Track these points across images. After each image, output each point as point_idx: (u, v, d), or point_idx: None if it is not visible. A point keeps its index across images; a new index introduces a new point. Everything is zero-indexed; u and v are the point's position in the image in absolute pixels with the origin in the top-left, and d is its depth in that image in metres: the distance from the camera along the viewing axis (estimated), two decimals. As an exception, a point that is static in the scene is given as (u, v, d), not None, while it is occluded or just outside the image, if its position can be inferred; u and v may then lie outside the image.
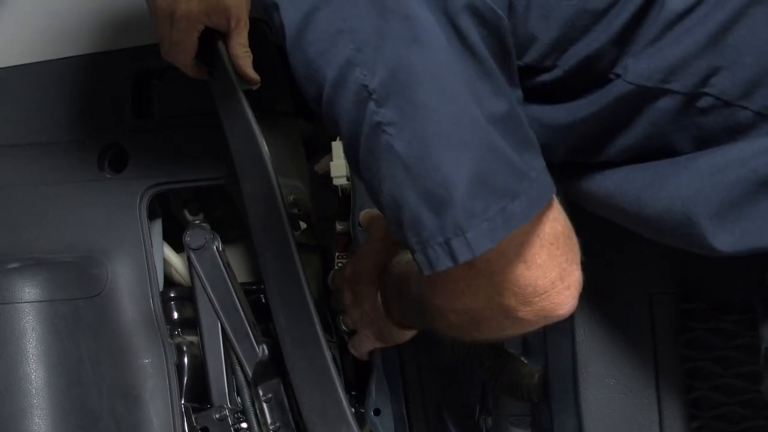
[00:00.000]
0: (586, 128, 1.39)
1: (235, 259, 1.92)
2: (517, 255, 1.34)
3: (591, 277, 1.66)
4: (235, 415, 1.82)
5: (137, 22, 1.89)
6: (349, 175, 1.91)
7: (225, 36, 1.75)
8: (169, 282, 1.93)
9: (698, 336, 1.64)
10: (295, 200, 1.88)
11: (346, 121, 1.29)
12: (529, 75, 1.36)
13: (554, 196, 1.35)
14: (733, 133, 1.35)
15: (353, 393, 1.90)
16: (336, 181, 1.93)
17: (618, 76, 1.34)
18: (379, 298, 1.75)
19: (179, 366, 1.85)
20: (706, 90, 1.33)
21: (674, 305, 1.64)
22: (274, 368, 1.83)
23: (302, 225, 1.87)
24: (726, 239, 1.35)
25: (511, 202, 1.28)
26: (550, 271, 1.36)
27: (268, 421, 1.82)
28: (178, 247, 1.90)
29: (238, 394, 1.83)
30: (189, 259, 1.85)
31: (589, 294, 1.65)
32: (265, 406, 1.83)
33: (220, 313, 1.83)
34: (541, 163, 1.33)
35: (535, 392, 1.81)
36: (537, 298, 1.37)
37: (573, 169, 1.45)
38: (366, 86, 1.26)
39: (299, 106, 1.99)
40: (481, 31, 1.28)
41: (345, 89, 1.27)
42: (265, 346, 1.82)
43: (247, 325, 1.82)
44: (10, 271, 1.79)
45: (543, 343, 1.79)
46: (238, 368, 1.82)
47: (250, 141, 1.74)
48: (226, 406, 1.82)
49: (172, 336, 1.86)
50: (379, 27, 1.26)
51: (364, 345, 1.82)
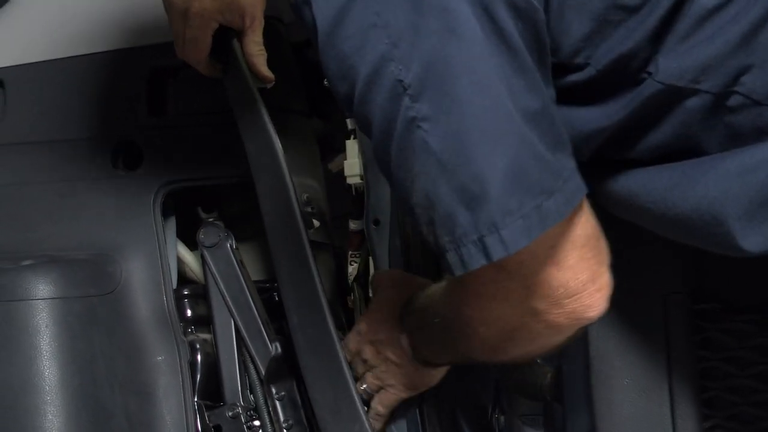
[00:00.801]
0: (616, 130, 1.38)
1: (249, 256, 1.92)
2: (549, 256, 1.33)
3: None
4: (248, 413, 1.82)
5: (152, 21, 1.89)
6: (362, 173, 1.91)
7: (239, 34, 1.75)
8: (183, 279, 1.93)
9: (712, 336, 1.64)
10: (309, 199, 1.88)
11: (380, 118, 1.29)
12: (562, 73, 1.35)
13: (585, 198, 1.35)
14: (762, 133, 1.34)
15: (366, 391, 1.90)
16: (349, 180, 1.94)
17: (649, 75, 1.33)
18: (404, 341, 1.73)
19: (192, 363, 1.84)
20: (737, 89, 1.32)
21: (688, 306, 1.64)
22: (286, 366, 1.83)
23: (316, 223, 1.87)
24: (755, 240, 1.34)
25: (547, 199, 1.28)
26: (582, 273, 1.36)
27: (281, 418, 1.82)
28: (192, 245, 1.90)
29: (251, 392, 1.83)
30: (203, 257, 1.86)
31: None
32: (277, 403, 1.83)
33: (234, 311, 1.83)
34: (573, 163, 1.32)
35: (548, 392, 1.81)
36: (568, 300, 1.37)
37: (596, 170, 1.44)
38: (401, 81, 1.26)
39: (314, 105, 1.99)
40: (517, 23, 1.28)
41: (379, 85, 1.27)
42: (278, 344, 1.82)
43: (260, 322, 1.82)
44: (24, 268, 1.79)
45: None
46: (251, 366, 1.83)
47: (265, 139, 1.75)
48: (239, 403, 1.82)
49: (185, 333, 1.86)
50: (414, 21, 1.25)
51: (392, 399, 1.79)
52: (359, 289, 2.01)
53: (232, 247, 1.85)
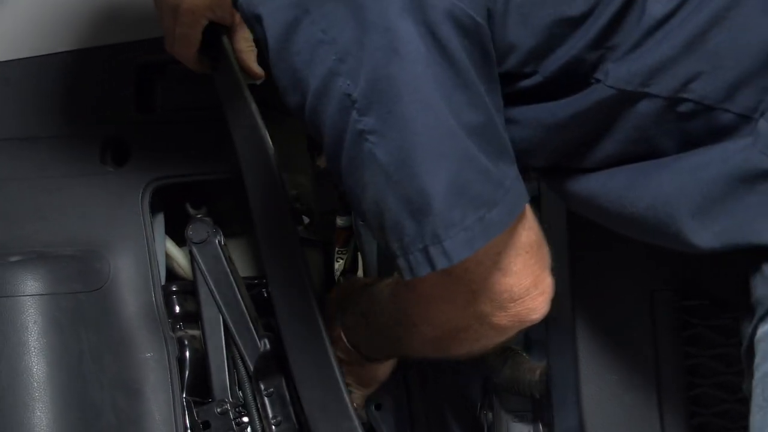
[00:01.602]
0: (569, 132, 1.40)
1: (237, 253, 1.92)
2: (494, 263, 1.38)
3: (592, 273, 1.67)
4: (237, 409, 1.82)
5: (140, 16, 1.89)
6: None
7: (229, 30, 1.75)
8: (171, 276, 1.92)
9: (699, 333, 1.65)
10: (298, 195, 1.88)
11: (330, 129, 1.31)
12: (510, 81, 1.37)
13: (527, 205, 1.39)
14: (717, 134, 1.36)
15: (355, 387, 1.90)
16: (338, 177, 1.93)
17: (598, 81, 1.35)
18: (344, 339, 1.77)
19: (181, 360, 1.84)
20: (686, 95, 1.34)
21: (675, 302, 1.65)
22: (275, 362, 1.83)
23: (305, 220, 1.87)
24: (706, 236, 1.36)
25: (489, 211, 1.31)
26: (525, 278, 1.41)
27: (270, 415, 1.82)
28: (181, 241, 1.90)
29: (240, 389, 1.83)
30: (191, 253, 1.86)
31: (590, 291, 1.67)
32: (266, 400, 1.83)
33: (222, 308, 1.83)
34: (515, 171, 1.35)
35: (537, 388, 1.82)
36: (512, 304, 1.42)
37: (558, 172, 1.46)
38: (349, 95, 1.28)
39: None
40: (462, 41, 1.30)
41: (329, 98, 1.30)
42: (266, 341, 1.82)
43: (248, 319, 1.82)
44: (12, 265, 1.78)
45: (545, 339, 1.79)
46: (239, 362, 1.83)
47: (254, 135, 1.74)
48: (228, 400, 1.82)
49: (173, 330, 1.86)
50: (359, 38, 1.28)
51: (354, 398, 1.82)
52: (346, 286, 2.01)
53: (220, 243, 1.85)
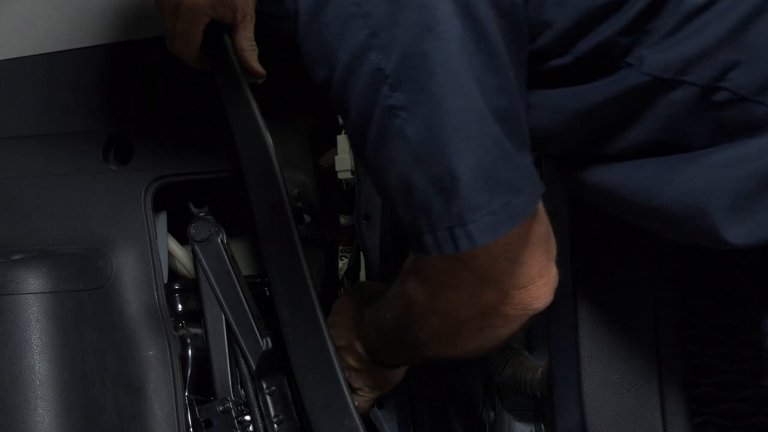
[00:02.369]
0: (596, 118, 1.39)
1: (240, 252, 1.92)
2: (503, 252, 1.39)
3: (595, 272, 1.67)
4: (239, 408, 1.82)
5: (143, 15, 1.89)
6: (353, 168, 1.92)
7: (231, 29, 1.74)
8: (174, 274, 1.93)
9: (702, 332, 1.64)
10: (300, 194, 1.88)
11: (358, 103, 1.31)
12: (539, 60, 1.37)
13: None
14: (749, 129, 1.35)
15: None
16: (341, 175, 1.94)
17: (630, 66, 1.34)
18: (359, 347, 1.78)
19: (183, 358, 1.84)
20: (724, 84, 1.33)
21: (678, 301, 1.64)
22: (277, 361, 1.83)
23: (306, 218, 1.87)
24: (739, 232, 1.36)
25: (515, 197, 1.31)
26: (532, 268, 1.42)
27: (272, 413, 1.82)
28: (183, 240, 1.90)
29: (242, 387, 1.83)
30: (193, 252, 1.85)
31: (593, 289, 1.66)
32: (268, 398, 1.83)
33: (224, 306, 1.83)
34: (531, 161, 1.36)
35: (539, 387, 1.81)
36: (517, 292, 1.43)
37: (579, 161, 1.45)
38: (381, 69, 1.28)
39: (304, 100, 1.99)
40: (498, 21, 1.29)
41: (359, 72, 1.29)
42: (268, 339, 1.82)
43: (251, 317, 1.82)
44: (15, 263, 1.78)
45: (547, 338, 1.79)
46: (241, 361, 1.82)
47: (256, 134, 1.74)
48: (230, 398, 1.82)
49: (176, 328, 1.86)
50: (393, 13, 1.27)
51: (361, 401, 1.83)
52: (349, 284, 2.01)
53: (222, 242, 1.85)
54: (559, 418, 1.78)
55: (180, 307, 1.89)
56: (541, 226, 1.42)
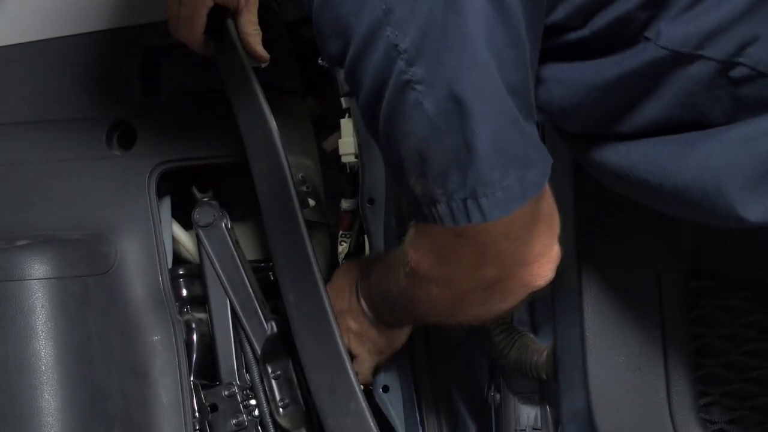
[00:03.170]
0: (613, 94, 1.38)
1: (244, 236, 1.92)
2: (505, 229, 1.40)
3: (599, 255, 1.67)
4: (244, 392, 1.83)
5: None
6: (357, 152, 1.91)
7: (234, 13, 1.74)
8: (178, 259, 1.93)
9: (707, 313, 1.64)
10: (304, 178, 1.88)
11: (372, 78, 1.31)
12: (555, 34, 1.36)
13: None
14: (767, 105, 1.34)
15: (362, 369, 1.91)
16: (344, 159, 1.93)
17: (648, 40, 1.33)
18: (364, 308, 1.78)
19: (188, 343, 1.85)
20: (741, 60, 1.32)
21: (683, 283, 1.64)
22: (282, 345, 1.83)
23: (311, 202, 1.87)
24: (756, 209, 1.34)
25: (528, 171, 1.32)
26: (533, 247, 1.43)
27: (277, 397, 1.83)
28: (187, 225, 1.90)
29: (247, 371, 1.84)
30: (198, 237, 1.86)
31: (597, 271, 1.66)
32: (273, 382, 1.83)
33: (229, 291, 1.83)
34: (537, 132, 1.36)
35: (544, 369, 1.81)
36: (518, 269, 1.45)
37: (596, 140, 1.45)
38: (396, 45, 1.28)
39: (308, 84, 1.99)
40: None
41: (374, 46, 1.29)
42: (273, 323, 1.82)
43: (255, 302, 1.83)
44: (19, 248, 1.79)
45: (552, 321, 1.79)
46: (246, 345, 1.83)
47: (260, 119, 1.74)
48: (235, 383, 1.83)
49: (181, 313, 1.86)
50: None
51: (362, 368, 1.84)
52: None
53: (227, 226, 1.85)
54: (565, 401, 1.78)
55: (184, 292, 1.89)
56: (545, 203, 1.43)
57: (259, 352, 1.82)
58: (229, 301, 1.84)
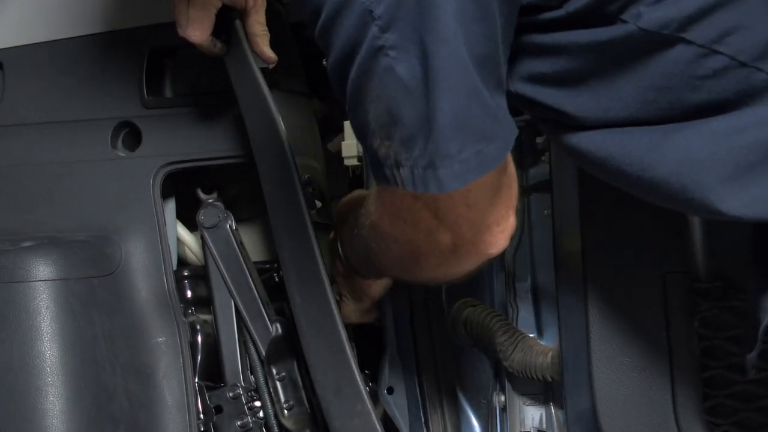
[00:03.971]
0: (590, 64, 1.37)
1: (249, 238, 1.92)
2: (463, 198, 1.41)
3: (604, 256, 1.67)
4: (249, 394, 1.83)
5: (151, 1, 1.89)
6: (360, 155, 1.92)
7: (242, 14, 1.74)
8: (183, 261, 1.93)
9: (712, 315, 1.64)
10: (310, 179, 1.88)
11: (344, 41, 1.32)
12: (532, 12, 1.36)
13: None
14: (746, 96, 1.33)
15: (366, 371, 1.90)
16: (347, 162, 1.94)
17: (626, 23, 1.33)
18: (341, 251, 1.79)
19: (193, 344, 1.85)
20: (721, 49, 1.32)
21: (688, 284, 1.65)
22: (287, 347, 1.83)
23: (317, 204, 1.87)
24: (734, 204, 1.33)
25: (487, 145, 1.32)
26: (489, 216, 1.43)
27: (282, 399, 1.83)
28: (192, 226, 1.90)
29: (252, 373, 1.84)
30: (202, 238, 1.86)
31: (602, 273, 1.67)
32: (278, 384, 1.83)
33: (234, 292, 1.83)
34: (506, 103, 1.36)
35: (549, 371, 1.82)
36: (471, 236, 1.45)
37: (571, 127, 1.45)
38: (371, 11, 1.28)
39: (313, 85, 1.99)
40: None
41: (349, 10, 1.30)
42: (278, 325, 1.82)
43: (260, 303, 1.83)
44: (24, 250, 1.79)
45: (556, 322, 1.79)
46: (251, 346, 1.83)
47: (267, 119, 1.74)
48: (240, 384, 1.83)
49: (185, 315, 1.86)
50: None
51: (346, 310, 1.86)
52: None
53: (231, 228, 1.85)
54: (570, 402, 1.78)
55: (189, 294, 1.89)
56: (505, 175, 1.43)
57: (264, 353, 1.82)
58: (234, 303, 1.84)
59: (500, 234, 1.46)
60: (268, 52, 1.75)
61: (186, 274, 1.90)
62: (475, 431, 1.98)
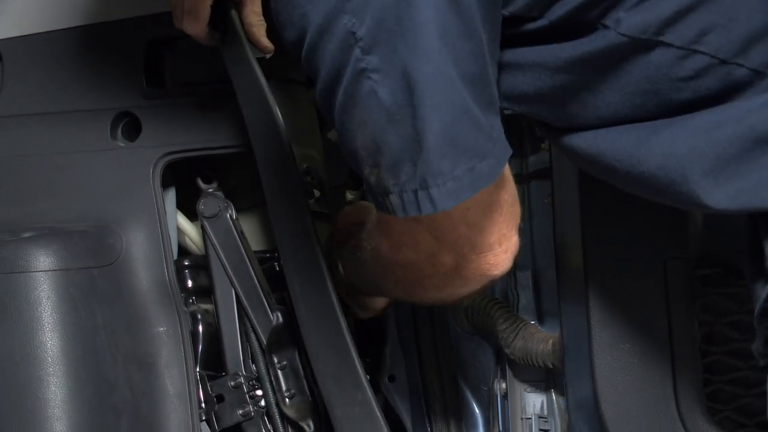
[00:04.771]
0: (574, 77, 1.38)
1: (249, 227, 1.92)
2: (462, 217, 1.40)
3: (605, 243, 1.67)
4: (250, 383, 1.83)
5: (149, -9, 1.89)
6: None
7: (238, 4, 1.74)
8: (183, 250, 1.93)
9: (713, 301, 1.65)
10: (309, 168, 1.88)
11: (329, 65, 1.31)
12: (514, 24, 1.36)
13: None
14: (730, 92, 1.35)
15: (368, 360, 1.91)
16: (348, 149, 1.93)
17: (607, 28, 1.34)
18: (342, 270, 1.80)
19: (194, 334, 1.85)
20: (701, 48, 1.33)
21: (688, 270, 1.65)
22: (288, 336, 1.83)
23: (316, 193, 1.87)
24: (719, 196, 1.35)
25: (479, 162, 1.31)
26: (490, 236, 1.43)
27: (283, 387, 1.83)
28: (192, 216, 1.90)
29: (253, 362, 1.84)
30: (203, 228, 1.85)
31: (603, 260, 1.67)
32: (279, 373, 1.83)
33: (234, 281, 1.83)
34: (500, 123, 1.35)
35: (550, 358, 1.82)
36: (474, 257, 1.44)
37: (566, 127, 1.45)
38: (353, 33, 1.28)
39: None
40: None
41: (331, 34, 1.29)
42: (279, 314, 1.82)
43: (261, 292, 1.82)
44: (25, 241, 1.79)
45: (557, 309, 1.79)
46: (252, 336, 1.83)
47: (265, 109, 1.74)
48: (241, 373, 1.83)
49: (186, 304, 1.86)
50: None
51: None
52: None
53: (231, 217, 1.85)
54: (571, 389, 1.79)
55: (190, 283, 1.89)
56: (504, 193, 1.43)
57: (265, 342, 1.82)
58: (235, 292, 1.84)
59: (503, 254, 1.45)
60: (265, 42, 1.75)
61: (187, 263, 1.89)
62: (477, 418, 1.99)
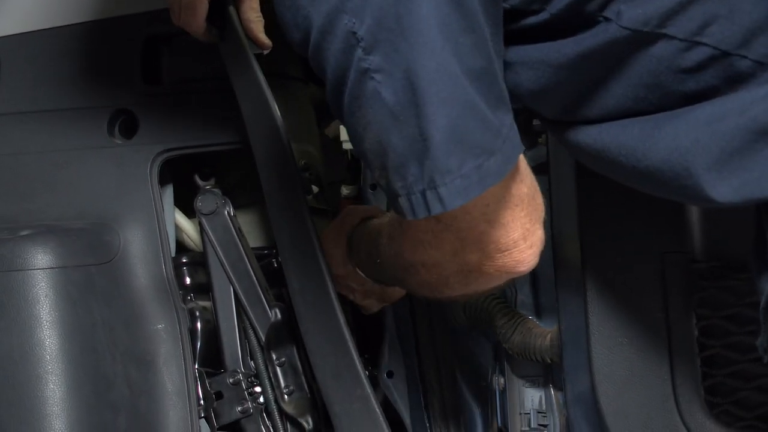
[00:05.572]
0: (579, 73, 1.38)
1: (247, 224, 1.92)
2: (483, 214, 1.39)
3: (603, 237, 1.67)
4: (249, 380, 1.83)
5: (146, -12, 1.89)
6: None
7: (236, 0, 1.74)
8: (181, 247, 1.93)
9: (711, 294, 1.65)
10: (307, 164, 1.88)
11: (334, 67, 1.31)
12: (515, 18, 1.36)
13: (522, 156, 1.38)
14: (733, 83, 1.34)
15: (366, 355, 1.91)
16: (345, 145, 1.94)
17: (608, 20, 1.33)
18: (360, 272, 1.80)
19: (192, 331, 1.85)
20: (704, 40, 1.33)
21: (686, 264, 1.65)
22: (286, 332, 1.83)
23: (314, 189, 1.87)
24: (723, 189, 1.34)
25: (487, 159, 1.31)
26: (513, 231, 1.41)
27: (282, 384, 1.83)
28: (190, 213, 1.90)
29: (252, 359, 1.84)
30: (200, 225, 1.85)
31: (601, 254, 1.67)
32: (278, 369, 1.83)
33: (233, 278, 1.83)
34: (511, 120, 1.35)
35: (548, 353, 1.82)
36: (499, 255, 1.43)
37: (569, 124, 1.45)
38: (354, 33, 1.28)
39: (309, 70, 1.99)
40: None
41: (333, 35, 1.29)
42: (277, 310, 1.82)
43: (259, 289, 1.82)
44: (22, 238, 1.78)
45: (555, 304, 1.80)
46: (251, 332, 1.83)
47: (262, 105, 1.74)
48: (240, 370, 1.83)
49: (184, 301, 1.86)
50: None
51: (373, 308, 1.88)
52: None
53: (229, 214, 1.85)
54: (569, 383, 1.79)
55: (188, 280, 1.89)
56: (523, 186, 1.41)
57: (264, 339, 1.82)
58: (233, 289, 1.83)
59: (528, 250, 1.43)
60: (263, 38, 1.75)
61: (185, 260, 1.89)
62: (475, 414, 1.99)
